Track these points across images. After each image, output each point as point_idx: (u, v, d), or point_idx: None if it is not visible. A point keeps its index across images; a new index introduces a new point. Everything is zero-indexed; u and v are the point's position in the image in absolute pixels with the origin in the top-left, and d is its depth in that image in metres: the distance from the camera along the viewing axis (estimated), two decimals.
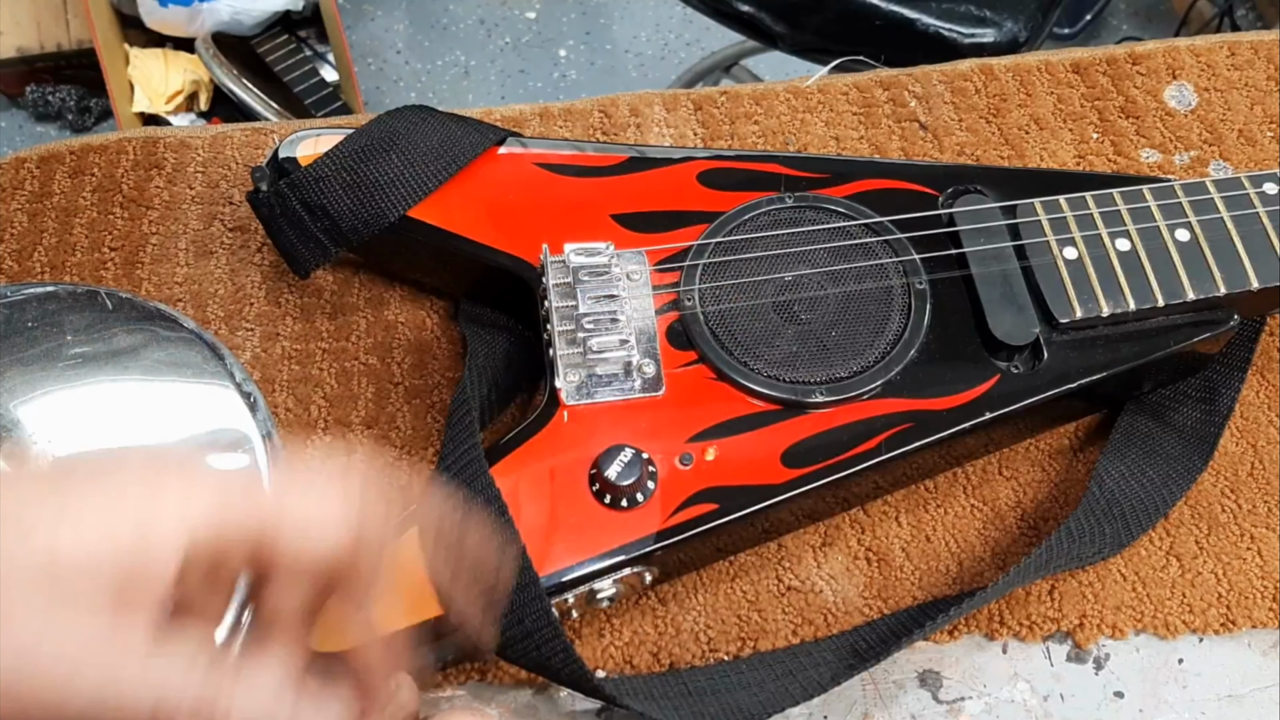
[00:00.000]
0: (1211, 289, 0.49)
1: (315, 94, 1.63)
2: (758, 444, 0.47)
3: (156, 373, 0.48)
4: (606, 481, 0.44)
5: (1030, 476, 0.53)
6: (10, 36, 1.77)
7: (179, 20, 1.67)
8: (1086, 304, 0.49)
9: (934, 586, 0.50)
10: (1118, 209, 0.51)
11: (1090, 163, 0.63)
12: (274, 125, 0.65)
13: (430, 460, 0.53)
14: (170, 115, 1.71)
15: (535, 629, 0.42)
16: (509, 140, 0.55)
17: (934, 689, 0.48)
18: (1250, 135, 0.64)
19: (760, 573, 0.50)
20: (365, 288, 0.58)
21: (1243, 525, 0.51)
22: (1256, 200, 0.51)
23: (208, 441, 0.48)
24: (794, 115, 0.65)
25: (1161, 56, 0.67)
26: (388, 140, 0.52)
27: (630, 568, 0.45)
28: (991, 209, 0.52)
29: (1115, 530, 0.49)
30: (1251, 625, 0.49)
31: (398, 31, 1.98)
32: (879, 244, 0.52)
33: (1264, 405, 0.55)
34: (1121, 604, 0.49)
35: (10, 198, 0.61)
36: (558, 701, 0.47)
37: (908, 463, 0.48)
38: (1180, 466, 0.52)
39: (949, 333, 0.50)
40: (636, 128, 0.64)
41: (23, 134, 1.84)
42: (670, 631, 0.48)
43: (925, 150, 0.63)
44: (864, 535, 0.51)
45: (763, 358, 0.48)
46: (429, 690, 0.47)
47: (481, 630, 0.40)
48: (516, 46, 1.94)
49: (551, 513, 0.45)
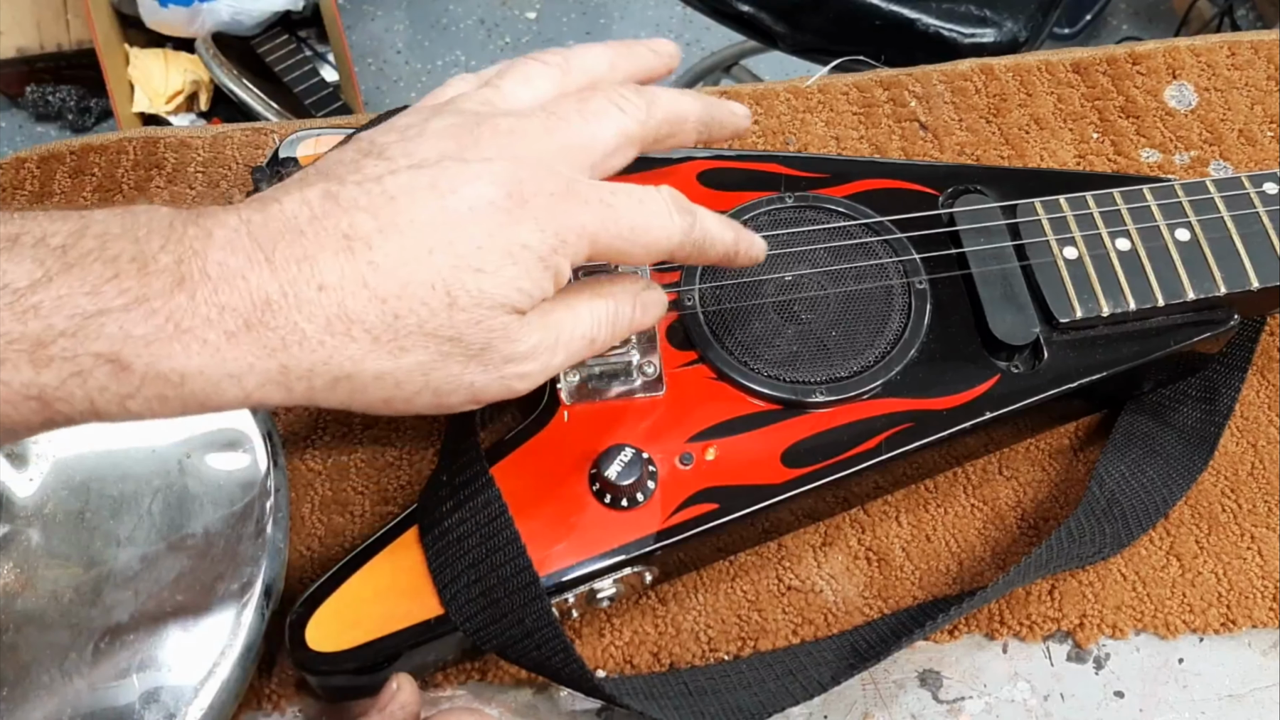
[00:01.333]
0: (1211, 289, 0.49)
1: (315, 94, 1.63)
2: (758, 444, 0.47)
3: None
4: (607, 481, 0.44)
5: (1030, 476, 0.53)
6: (10, 36, 1.77)
7: (179, 20, 1.68)
8: (1086, 304, 0.49)
9: (934, 586, 0.50)
10: (1118, 209, 0.51)
11: (1090, 163, 0.63)
12: (274, 125, 0.65)
13: (430, 460, 0.53)
14: (170, 115, 1.71)
15: (535, 629, 0.42)
16: None
17: (934, 689, 0.48)
18: (1250, 135, 0.64)
19: (760, 573, 0.50)
20: None
21: (1243, 525, 0.51)
22: (1257, 200, 0.51)
23: (207, 440, 0.48)
24: (794, 115, 0.65)
25: (1161, 56, 0.67)
26: None
27: (630, 567, 0.45)
28: (991, 209, 0.52)
29: (1115, 530, 0.49)
30: (1251, 625, 0.49)
31: (398, 31, 1.98)
32: (879, 244, 0.52)
33: (1264, 405, 0.55)
34: (1122, 604, 0.49)
35: (10, 198, 0.61)
36: (558, 701, 0.47)
37: (908, 462, 0.48)
38: (1180, 466, 0.52)
39: (949, 332, 0.50)
40: None
41: (23, 134, 1.84)
42: (670, 631, 0.48)
43: (925, 150, 0.63)
44: (864, 535, 0.51)
45: (763, 357, 0.48)
46: (429, 690, 0.47)
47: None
48: (516, 46, 1.95)
49: (552, 513, 0.45)
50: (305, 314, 0.34)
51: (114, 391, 0.33)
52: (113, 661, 0.42)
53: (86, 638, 0.42)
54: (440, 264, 0.35)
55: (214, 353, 0.33)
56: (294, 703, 0.47)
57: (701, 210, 0.42)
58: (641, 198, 0.40)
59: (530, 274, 0.37)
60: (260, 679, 0.47)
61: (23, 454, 0.47)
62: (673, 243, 0.41)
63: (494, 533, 0.42)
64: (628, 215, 0.39)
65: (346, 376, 0.35)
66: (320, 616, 0.43)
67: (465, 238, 0.36)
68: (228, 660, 0.43)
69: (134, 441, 0.47)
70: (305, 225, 0.35)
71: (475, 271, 0.36)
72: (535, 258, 0.37)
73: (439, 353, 0.36)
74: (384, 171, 0.36)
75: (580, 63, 0.43)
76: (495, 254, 0.36)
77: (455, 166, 0.37)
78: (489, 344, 0.37)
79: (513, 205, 0.37)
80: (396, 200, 0.36)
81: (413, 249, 0.35)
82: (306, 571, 0.49)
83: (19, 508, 0.45)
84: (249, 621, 0.44)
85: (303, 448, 0.52)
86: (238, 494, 0.47)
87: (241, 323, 0.33)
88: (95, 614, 0.43)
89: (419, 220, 0.35)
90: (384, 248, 0.35)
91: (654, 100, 0.42)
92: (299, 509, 0.51)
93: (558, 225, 0.37)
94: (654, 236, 0.40)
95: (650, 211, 0.40)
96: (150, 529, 0.45)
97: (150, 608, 0.43)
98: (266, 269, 0.34)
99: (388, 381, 0.36)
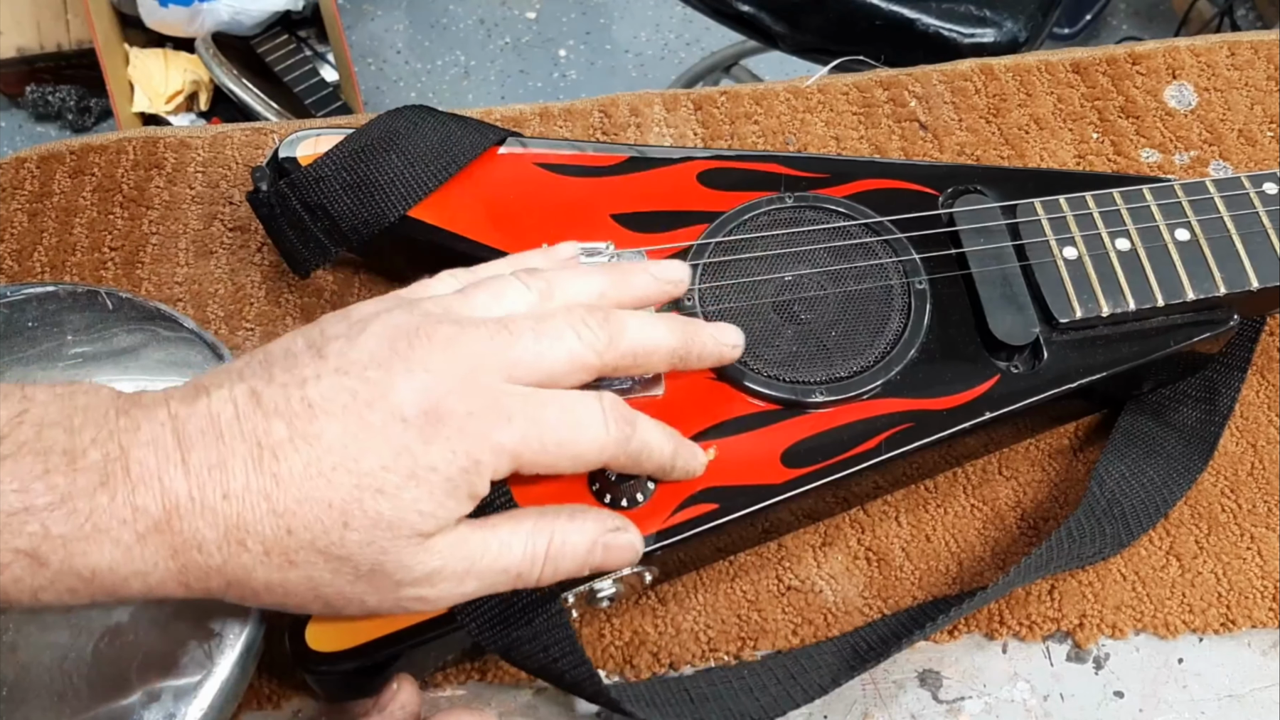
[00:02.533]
0: (1211, 289, 0.49)
1: (315, 94, 1.63)
2: (758, 444, 0.47)
3: (157, 372, 0.48)
4: (606, 481, 0.44)
5: (1030, 476, 0.53)
6: (10, 36, 1.77)
7: (179, 20, 1.68)
8: (1086, 304, 0.49)
9: (934, 586, 0.50)
10: (1118, 209, 0.51)
11: (1090, 163, 0.63)
12: (274, 125, 0.65)
13: None
14: (170, 115, 1.71)
15: (545, 630, 0.42)
16: (509, 140, 0.55)
17: (934, 688, 0.48)
18: (1250, 135, 0.64)
19: (760, 573, 0.50)
20: (365, 288, 0.58)
21: (1243, 525, 0.51)
22: (1256, 200, 0.51)
23: None
24: (794, 115, 0.65)
25: (1161, 56, 0.67)
26: (388, 140, 0.52)
27: (630, 567, 0.45)
28: (991, 209, 0.52)
29: (1116, 530, 0.49)
30: (1251, 625, 0.49)
31: (398, 31, 1.98)
32: (879, 244, 0.52)
33: (1264, 405, 0.55)
34: (1121, 604, 0.49)
35: (10, 198, 0.61)
36: (558, 701, 0.47)
37: (908, 462, 0.48)
38: (1180, 466, 0.52)
39: (949, 332, 0.50)
40: (636, 128, 0.64)
41: (23, 134, 1.84)
42: (670, 631, 0.49)
43: (925, 150, 0.63)
44: (864, 535, 0.51)
45: (762, 357, 0.48)
46: (428, 690, 0.47)
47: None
48: (516, 46, 1.95)
49: None
50: (207, 521, 0.35)
51: (27, 584, 0.34)
52: (113, 661, 0.42)
53: (86, 638, 0.42)
54: (341, 482, 0.35)
55: (125, 551, 0.34)
56: (294, 702, 0.47)
57: (644, 420, 0.41)
58: (574, 408, 0.39)
59: (433, 496, 0.36)
60: (260, 678, 0.47)
61: None
62: (605, 454, 0.40)
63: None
64: (555, 430, 0.38)
65: (239, 583, 0.36)
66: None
67: (371, 455, 0.36)
68: (228, 660, 0.43)
69: None
70: (225, 427, 0.35)
71: (375, 492, 0.35)
72: (442, 479, 0.36)
73: (329, 569, 0.36)
74: (310, 375, 0.36)
75: (565, 289, 0.42)
76: (398, 475, 0.36)
77: (378, 376, 0.36)
78: (379, 566, 0.36)
79: (425, 424, 0.36)
80: (313, 409, 0.36)
81: (317, 464, 0.35)
82: None
83: None
84: (249, 621, 0.44)
85: None
86: None
87: (151, 524, 0.34)
88: (95, 614, 0.43)
89: (328, 434, 0.35)
90: (290, 460, 0.35)
91: (620, 331, 0.41)
92: None
93: (470, 445, 0.36)
94: (583, 449, 0.39)
95: (581, 423, 0.39)
96: None
97: (150, 608, 0.43)
98: (180, 471, 0.35)
99: (277, 592, 0.37)
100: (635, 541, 0.42)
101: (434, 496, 0.36)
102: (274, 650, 0.46)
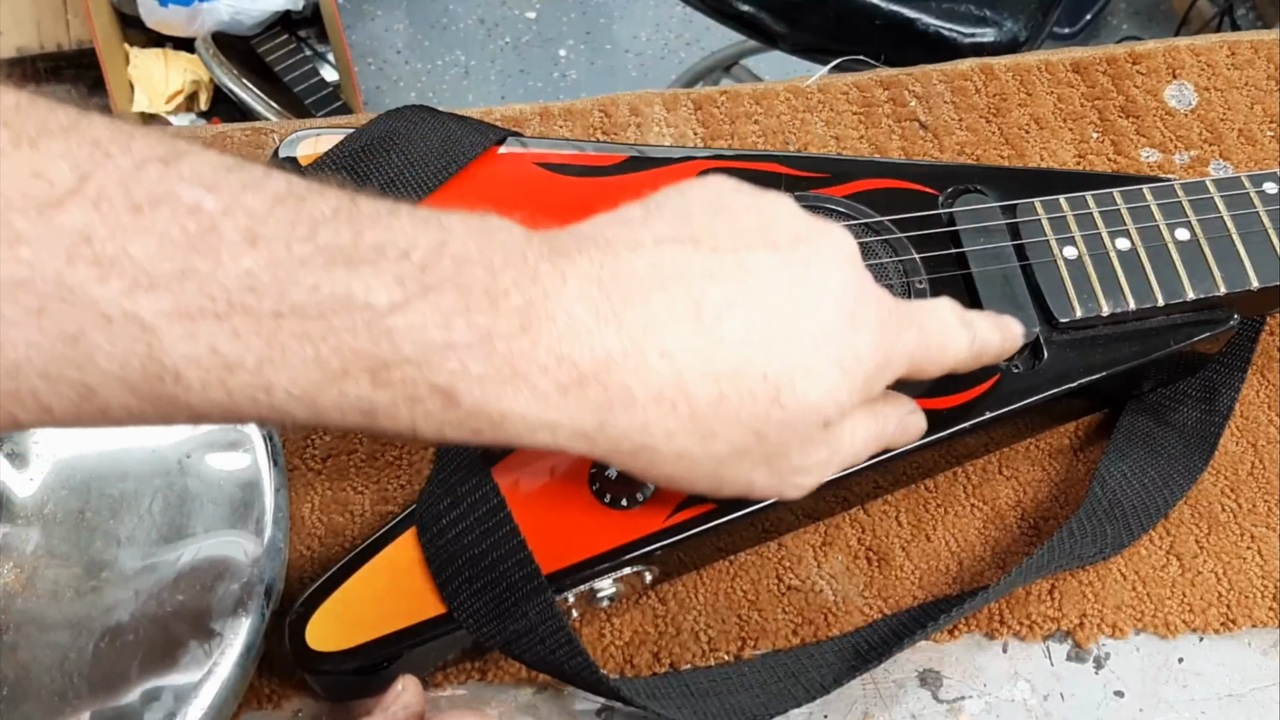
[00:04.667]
0: (1211, 288, 0.49)
1: (315, 94, 1.63)
2: None
3: None
4: (607, 480, 0.44)
5: (1030, 476, 0.53)
6: (10, 36, 1.77)
7: (179, 20, 1.67)
8: (1086, 303, 0.49)
9: (934, 586, 0.50)
10: (1118, 208, 0.51)
11: (1090, 162, 0.63)
12: (274, 125, 0.65)
13: (430, 460, 0.52)
14: (170, 115, 1.71)
15: (539, 622, 0.42)
16: (509, 140, 0.55)
17: (934, 688, 0.48)
18: (1250, 135, 0.64)
19: (760, 572, 0.50)
20: None
21: (1243, 525, 0.51)
22: (1256, 200, 0.51)
23: (208, 440, 0.48)
24: (794, 115, 0.65)
25: (1161, 56, 0.67)
26: (388, 140, 0.52)
27: (630, 567, 0.45)
28: (991, 208, 0.52)
29: (1117, 530, 0.49)
30: (1251, 625, 0.49)
31: (398, 31, 1.98)
32: (879, 243, 0.52)
33: (1264, 405, 0.55)
34: (1121, 603, 0.49)
35: None
36: (558, 700, 0.47)
37: (908, 462, 0.48)
38: (1181, 466, 0.52)
39: None
40: (637, 127, 0.64)
41: None
42: (670, 631, 0.49)
43: (925, 150, 0.63)
44: (864, 535, 0.51)
45: None
46: (429, 690, 0.47)
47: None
48: (516, 46, 1.94)
49: (551, 512, 0.45)
50: (640, 378, 0.33)
51: (438, 419, 0.32)
52: (113, 661, 0.42)
53: (86, 638, 0.42)
54: (777, 354, 0.34)
55: (542, 400, 0.33)
56: (294, 702, 0.47)
57: (975, 317, 0.41)
58: (941, 316, 0.39)
59: (851, 388, 0.36)
60: (260, 678, 0.47)
61: (23, 454, 0.47)
62: (960, 357, 0.40)
63: (494, 528, 0.42)
64: (936, 335, 0.39)
65: (650, 449, 0.35)
66: (320, 616, 0.43)
67: (807, 332, 0.35)
68: (227, 660, 0.43)
69: (134, 441, 0.47)
70: (658, 286, 0.34)
71: (805, 371, 0.34)
72: (862, 372, 0.36)
73: (740, 446, 0.35)
74: (742, 245, 0.35)
75: None
76: (827, 358, 0.35)
77: (808, 253, 0.36)
78: (785, 449, 0.36)
79: (856, 310, 0.36)
80: (753, 276, 0.35)
81: (759, 331, 0.34)
82: (306, 571, 0.49)
83: (19, 508, 0.45)
84: (249, 621, 0.44)
85: (303, 448, 0.52)
86: (238, 494, 0.47)
87: (577, 376, 0.33)
88: (95, 614, 0.43)
89: (770, 303, 0.35)
90: (732, 324, 0.34)
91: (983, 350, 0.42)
92: (299, 509, 0.51)
93: (888, 345, 0.36)
94: (950, 353, 0.39)
95: (948, 329, 0.39)
96: (150, 529, 0.45)
97: (150, 608, 0.43)
98: (613, 326, 0.33)
99: (683, 463, 0.35)
100: (923, 422, 0.43)
101: (851, 387, 0.36)
102: (274, 650, 0.46)
